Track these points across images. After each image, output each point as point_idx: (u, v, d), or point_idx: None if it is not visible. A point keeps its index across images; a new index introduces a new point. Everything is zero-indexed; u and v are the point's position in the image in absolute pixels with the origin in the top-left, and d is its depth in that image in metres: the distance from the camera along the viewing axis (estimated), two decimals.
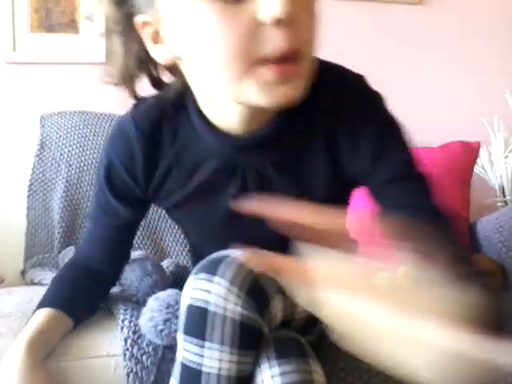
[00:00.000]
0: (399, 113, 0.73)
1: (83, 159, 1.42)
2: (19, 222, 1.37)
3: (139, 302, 0.87)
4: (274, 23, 0.55)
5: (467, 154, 1.65)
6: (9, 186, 1.42)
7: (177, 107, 0.73)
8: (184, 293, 0.67)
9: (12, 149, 1.47)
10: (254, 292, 0.65)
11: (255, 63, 0.57)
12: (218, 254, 0.68)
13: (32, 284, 1.24)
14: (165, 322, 0.74)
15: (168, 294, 0.77)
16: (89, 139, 1.44)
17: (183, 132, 0.74)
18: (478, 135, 1.69)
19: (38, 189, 1.41)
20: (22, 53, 1.62)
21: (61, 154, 1.42)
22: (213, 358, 0.63)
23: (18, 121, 1.55)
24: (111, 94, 0.74)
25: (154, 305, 0.75)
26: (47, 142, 1.45)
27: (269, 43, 0.56)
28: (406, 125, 0.73)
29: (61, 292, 0.83)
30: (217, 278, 0.64)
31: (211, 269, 0.65)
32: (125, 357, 0.74)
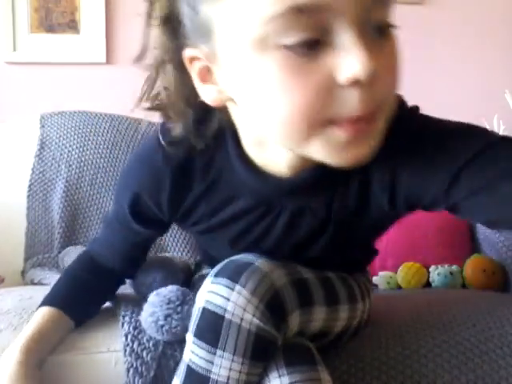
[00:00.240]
0: None
1: (83, 159, 1.42)
2: (19, 222, 1.36)
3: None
4: (353, 84, 0.48)
5: None
6: (9, 186, 1.41)
7: (212, 141, 0.66)
8: (200, 293, 0.66)
9: (12, 149, 1.46)
10: (273, 305, 0.64)
11: (326, 123, 0.51)
12: (241, 260, 0.66)
13: (32, 284, 1.24)
14: (165, 318, 0.74)
15: (169, 289, 0.76)
16: (89, 139, 1.43)
17: (217, 167, 0.69)
18: None
19: (37, 189, 1.41)
20: (22, 53, 1.63)
21: (61, 154, 1.42)
22: (222, 367, 0.62)
23: (17, 121, 1.55)
24: (111, 94, 0.74)
25: (155, 300, 0.75)
26: (47, 142, 1.45)
27: (345, 104, 0.50)
28: None
29: (65, 290, 0.82)
30: (238, 287, 0.62)
31: (233, 276, 0.64)
32: (125, 352, 0.74)
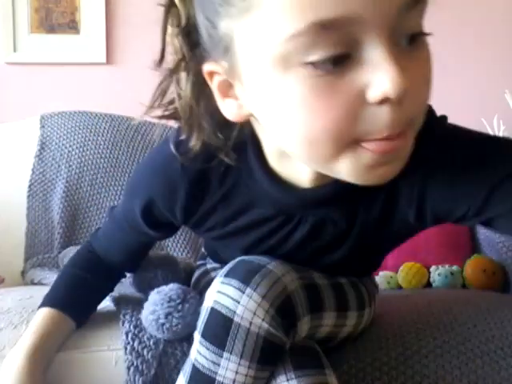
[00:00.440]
0: None
1: (83, 159, 1.42)
2: (19, 222, 1.36)
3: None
4: (383, 102, 0.46)
5: None
6: (9, 186, 1.41)
7: (232, 150, 0.63)
8: (209, 293, 0.65)
9: (12, 149, 1.46)
10: (284, 310, 0.63)
11: (353, 143, 0.48)
12: (253, 262, 0.65)
13: (32, 284, 1.24)
14: (166, 316, 0.73)
15: (170, 288, 0.76)
16: (89, 139, 1.43)
17: (234, 176, 0.66)
18: None
19: (37, 189, 1.40)
20: (23, 53, 1.63)
21: (61, 155, 1.42)
22: (229, 369, 0.61)
23: (18, 121, 1.55)
24: (111, 94, 0.74)
25: (156, 298, 0.75)
26: (47, 143, 1.45)
27: (374, 123, 0.47)
28: None
29: (65, 290, 0.81)
30: (249, 290, 0.61)
31: (244, 278, 0.63)
32: (126, 350, 0.74)
